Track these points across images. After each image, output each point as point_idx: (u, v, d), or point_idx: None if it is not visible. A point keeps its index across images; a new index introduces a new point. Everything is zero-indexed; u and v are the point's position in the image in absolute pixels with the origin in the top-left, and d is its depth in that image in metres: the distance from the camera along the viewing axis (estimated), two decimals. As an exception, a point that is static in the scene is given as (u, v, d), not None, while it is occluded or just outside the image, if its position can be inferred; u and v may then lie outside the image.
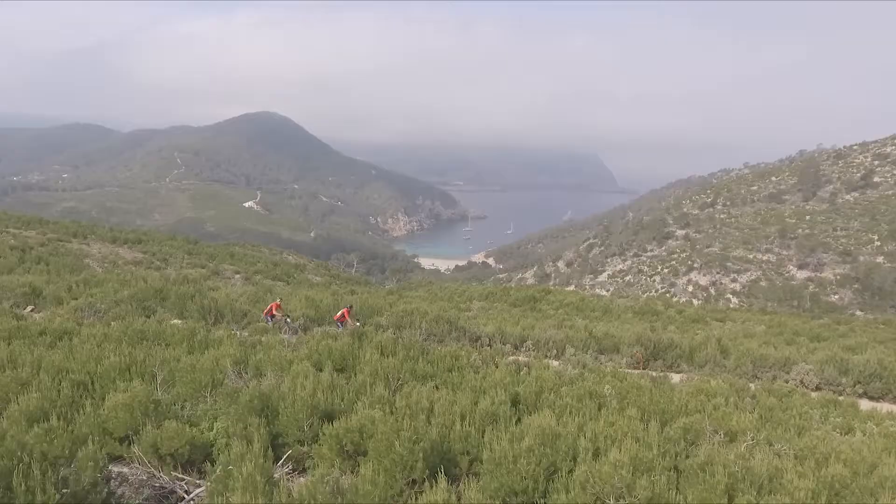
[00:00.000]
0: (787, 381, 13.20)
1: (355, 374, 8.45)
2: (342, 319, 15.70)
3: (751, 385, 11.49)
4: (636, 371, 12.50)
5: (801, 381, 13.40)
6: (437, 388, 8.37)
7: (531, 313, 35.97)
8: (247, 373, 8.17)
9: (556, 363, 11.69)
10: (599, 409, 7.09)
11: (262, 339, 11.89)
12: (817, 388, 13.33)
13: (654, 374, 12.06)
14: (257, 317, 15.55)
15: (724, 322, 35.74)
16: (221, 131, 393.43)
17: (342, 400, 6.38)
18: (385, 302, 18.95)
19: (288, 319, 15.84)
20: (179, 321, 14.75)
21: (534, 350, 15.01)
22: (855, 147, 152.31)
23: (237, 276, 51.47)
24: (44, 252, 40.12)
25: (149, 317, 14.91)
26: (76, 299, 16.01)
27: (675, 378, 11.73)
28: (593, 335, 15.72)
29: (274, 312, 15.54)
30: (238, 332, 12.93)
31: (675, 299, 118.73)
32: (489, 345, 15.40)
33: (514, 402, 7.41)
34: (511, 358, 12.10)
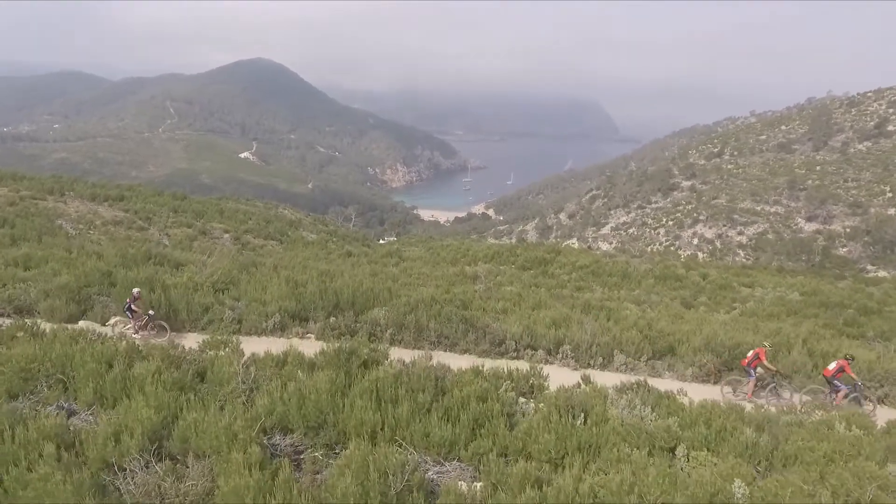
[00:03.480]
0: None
1: (337, 443, 5.44)
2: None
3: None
4: (716, 392, 9.63)
5: (923, 403, 10.64)
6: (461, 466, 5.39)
7: (543, 279, 33.12)
8: (163, 459, 5.15)
9: (611, 390, 8.76)
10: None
11: (219, 355, 8.88)
12: (945, 412, 10.57)
13: (742, 401, 9.11)
14: (221, 313, 12.53)
15: (752, 288, 32.91)
16: (214, 79, 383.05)
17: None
18: (383, 285, 15.87)
19: None
20: (123, 321, 11.74)
21: (573, 357, 12.08)
22: (869, 94, 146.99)
23: (226, 235, 48.30)
24: (11, 213, 36.75)
25: (85, 312, 11.87)
26: (3, 286, 12.94)
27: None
28: (648, 336, 12.71)
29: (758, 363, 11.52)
30: (189, 344, 9.90)
31: (679, 252, 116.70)
32: (516, 349, 12.47)
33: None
34: (553, 385, 9.17)
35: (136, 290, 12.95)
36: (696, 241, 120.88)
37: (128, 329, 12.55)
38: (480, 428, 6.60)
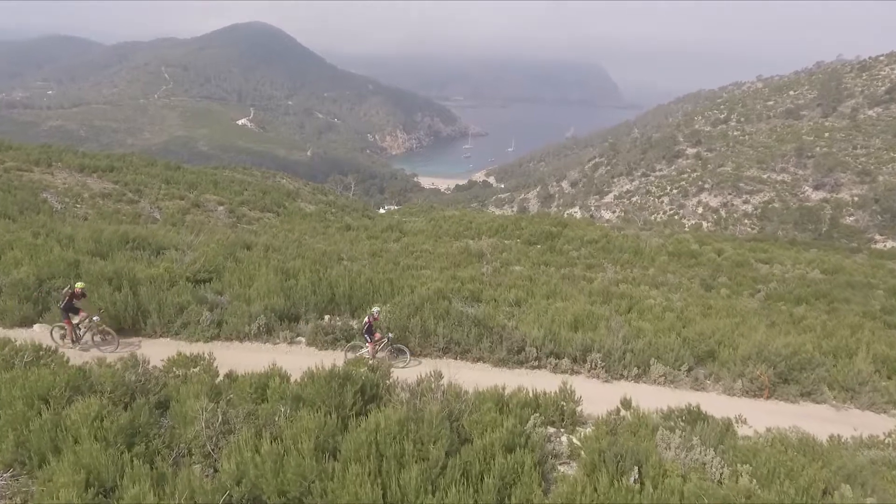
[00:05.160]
0: None
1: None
2: None
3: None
4: (770, 406, 8.22)
5: None
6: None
7: (551, 255, 31.65)
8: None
9: (656, 416, 7.37)
10: None
11: (189, 374, 7.41)
12: None
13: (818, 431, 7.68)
14: (198, 314, 11.01)
15: (770, 265, 31.45)
16: (210, 44, 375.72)
17: None
18: (384, 276, 14.35)
19: None
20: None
21: (603, 366, 10.65)
22: (881, 58, 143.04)
23: (220, 207, 46.66)
24: (-8, 186, 35.06)
25: (41, 313, 10.41)
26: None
27: (846, 431, 7.43)
28: (687, 341, 11.22)
29: None
30: (159, 355, 8.42)
31: (683, 221, 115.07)
32: (537, 357, 11.02)
33: None
34: (585, 405, 7.76)
35: (375, 308, 11.77)
36: (700, 209, 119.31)
37: (363, 353, 11.48)
38: (509, 488, 5.18)
